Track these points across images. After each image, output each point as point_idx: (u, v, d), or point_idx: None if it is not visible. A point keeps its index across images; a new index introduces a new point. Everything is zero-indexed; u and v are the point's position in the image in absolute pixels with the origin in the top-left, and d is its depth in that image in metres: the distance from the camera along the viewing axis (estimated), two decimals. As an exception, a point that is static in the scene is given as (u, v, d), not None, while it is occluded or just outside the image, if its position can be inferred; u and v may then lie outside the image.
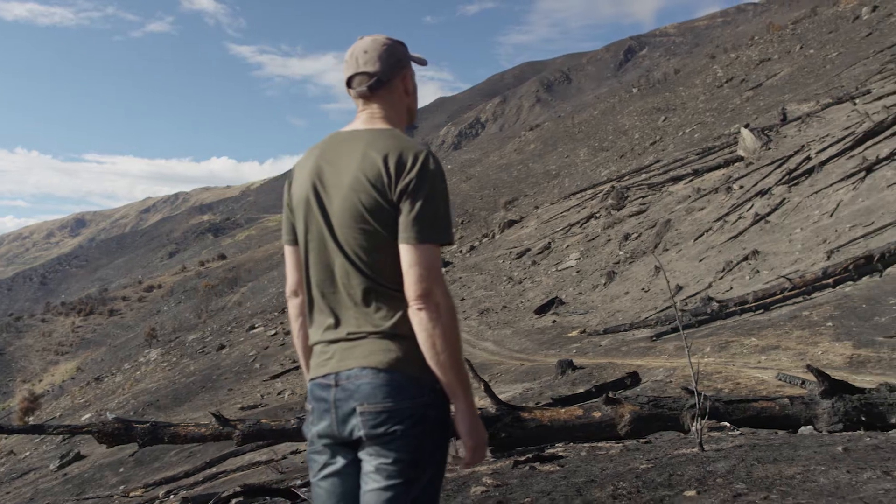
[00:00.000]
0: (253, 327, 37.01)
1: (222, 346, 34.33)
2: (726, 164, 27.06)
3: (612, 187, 31.63)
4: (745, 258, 17.89)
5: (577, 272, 24.38)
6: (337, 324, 1.96)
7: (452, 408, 1.94)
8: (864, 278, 12.98)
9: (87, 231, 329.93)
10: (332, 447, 1.96)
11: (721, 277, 17.88)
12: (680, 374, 9.70)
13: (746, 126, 28.69)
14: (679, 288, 18.52)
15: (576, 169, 55.42)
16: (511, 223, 37.31)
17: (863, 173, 18.20)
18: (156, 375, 34.01)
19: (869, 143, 20.05)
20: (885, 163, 18.11)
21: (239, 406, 19.61)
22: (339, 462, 1.96)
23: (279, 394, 20.74)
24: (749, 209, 21.33)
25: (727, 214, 21.87)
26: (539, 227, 33.10)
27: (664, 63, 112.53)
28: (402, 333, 1.90)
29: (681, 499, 3.10)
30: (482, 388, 4.95)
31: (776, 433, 4.31)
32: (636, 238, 24.58)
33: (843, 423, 4.17)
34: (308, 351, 2.11)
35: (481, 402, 5.25)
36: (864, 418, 4.16)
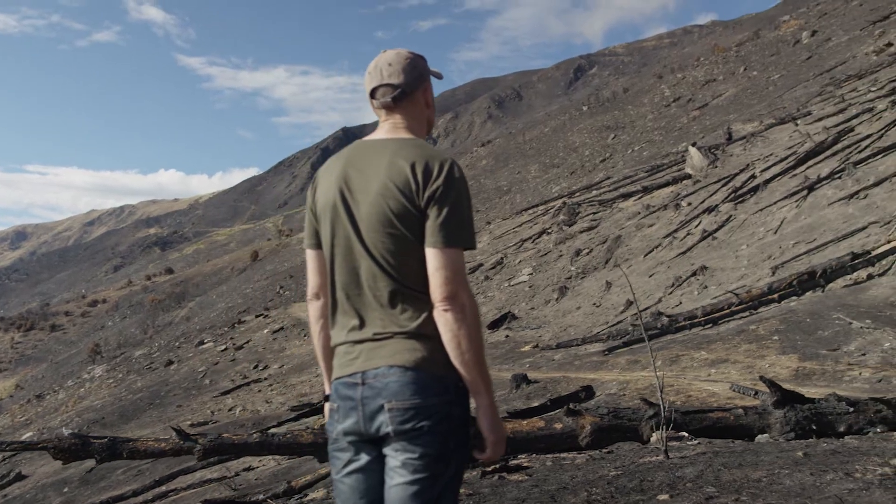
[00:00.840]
0: (202, 342, 36.40)
1: (170, 362, 33.67)
2: (675, 181, 27.64)
3: (564, 203, 32.03)
4: (694, 274, 18.27)
5: (530, 287, 24.60)
6: (362, 325, 2.03)
7: (473, 405, 2.02)
8: (807, 293, 13.36)
9: (28, 244, 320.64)
10: (356, 444, 2.02)
11: (671, 292, 18.22)
12: (633, 387, 9.86)
13: (694, 144, 29.35)
14: (629, 303, 18.82)
15: (527, 185, 55.94)
16: (464, 238, 37.46)
17: (805, 192, 18.79)
18: (101, 392, 33.17)
19: (810, 162, 20.71)
20: (825, 182, 18.73)
21: (189, 423, 19.25)
22: (364, 459, 2.02)
23: (230, 410, 20.43)
24: (697, 226, 21.82)
25: (676, 231, 22.33)
26: (491, 243, 33.31)
27: (613, 82, 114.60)
28: (427, 333, 1.98)
29: (655, 502, 3.20)
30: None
31: (733, 442, 4.45)
32: (587, 253, 24.91)
33: (795, 431, 4.31)
34: (328, 352, 2.18)
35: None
36: (814, 427, 4.32)
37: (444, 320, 1.94)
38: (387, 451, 1.97)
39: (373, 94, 2.17)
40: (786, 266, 15.13)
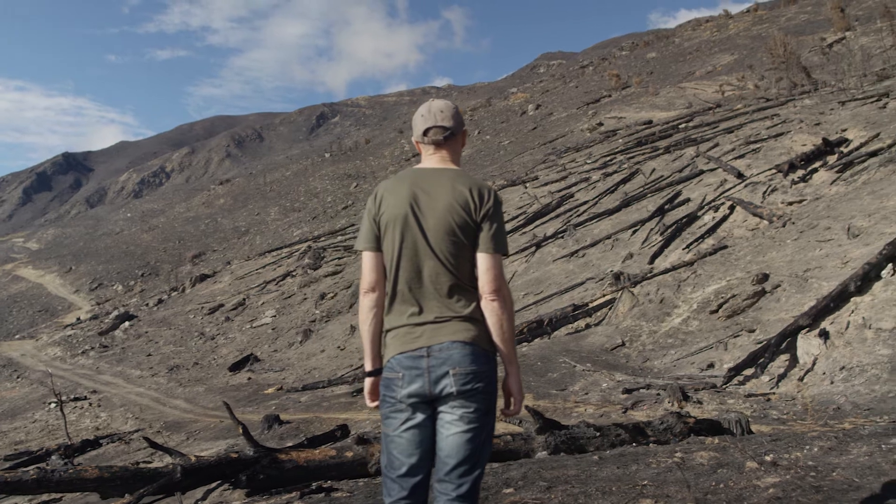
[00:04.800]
0: None
1: None
2: (416, 232, 29.06)
3: (310, 247, 32.22)
4: (435, 320, 19.35)
5: (273, 329, 24.38)
6: (421, 311, 2.59)
7: (502, 371, 2.64)
8: (536, 340, 14.76)
9: None
10: (416, 405, 2.54)
11: (413, 337, 19.08)
12: (387, 425, 10.25)
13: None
14: (373, 346, 19.41)
15: (267, 227, 55.34)
16: (203, 277, 36.15)
17: (533, 248, 20.78)
18: None
19: (538, 221, 22.97)
20: (550, 240, 20.88)
21: None
22: (419, 417, 2.55)
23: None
24: (437, 275, 23.11)
25: (417, 279, 23.47)
26: (233, 283, 32.51)
27: (355, 132, 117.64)
28: (476, 318, 2.58)
29: (501, 496, 3.61)
30: (240, 430, 5.02)
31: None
32: (332, 297, 25.27)
33: (555, 453, 4.96)
34: (377, 338, 2.70)
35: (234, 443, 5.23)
36: (570, 449, 5.00)
37: (491, 308, 2.56)
38: (443, 408, 2.52)
39: (425, 132, 2.74)
40: (517, 315, 16.56)
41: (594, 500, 3.49)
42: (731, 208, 17.48)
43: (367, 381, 2.78)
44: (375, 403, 2.77)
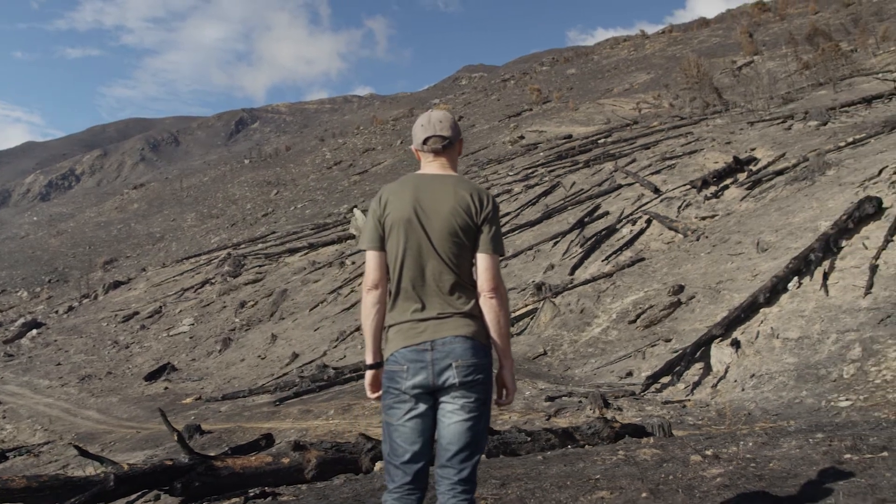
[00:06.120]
0: None
1: None
2: (340, 240, 28.94)
3: (229, 254, 31.66)
4: (357, 328, 19.28)
5: (191, 338, 23.84)
6: (423, 308, 2.76)
7: (497, 364, 2.80)
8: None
9: None
10: (419, 396, 2.71)
11: (335, 346, 19.02)
12: (313, 434, 10.21)
13: (356, 207, 31.10)
14: (295, 355, 19.25)
15: (183, 234, 54.01)
16: (117, 284, 34.99)
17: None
18: None
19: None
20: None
21: None
22: (422, 407, 2.71)
23: None
24: (360, 283, 23.06)
25: (340, 287, 23.39)
26: (149, 290, 31.62)
27: (275, 139, 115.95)
28: (475, 314, 2.77)
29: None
30: (175, 438, 4.97)
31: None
32: (253, 306, 24.91)
33: (490, 458, 5.09)
34: (379, 332, 2.85)
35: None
36: (503, 454, 5.14)
37: (489, 305, 2.75)
38: (445, 399, 2.70)
39: (425, 141, 2.92)
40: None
41: (551, 493, 3.65)
42: (648, 222, 18.09)
43: (368, 374, 2.92)
44: (375, 395, 2.92)
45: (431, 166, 2.96)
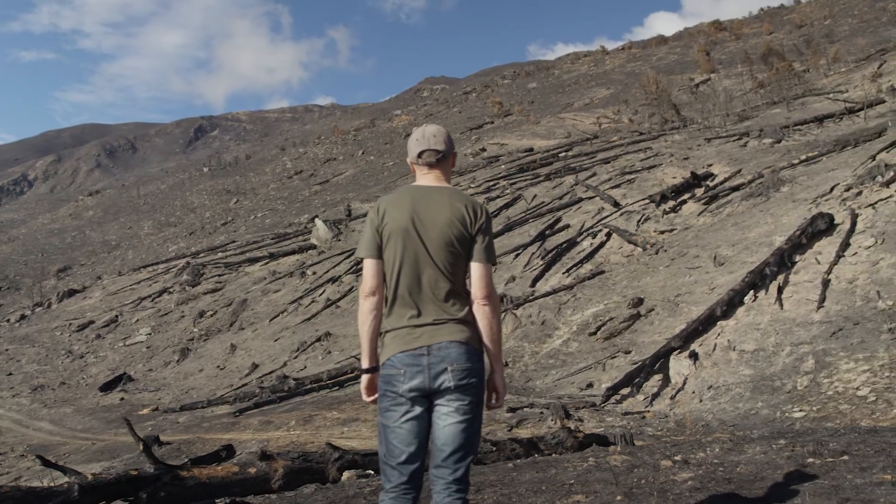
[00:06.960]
0: None
1: None
2: (301, 250, 28.77)
3: (188, 263, 31.27)
4: (319, 339, 19.23)
5: (148, 348, 23.48)
6: (419, 314, 2.86)
7: (489, 368, 2.92)
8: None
9: None
10: (415, 399, 2.81)
11: (296, 357, 18.89)
12: (274, 445, 10.15)
13: (317, 217, 30.96)
14: (255, 366, 19.08)
15: (140, 242, 53.22)
16: (72, 293, 34.30)
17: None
18: None
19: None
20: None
21: None
22: (418, 409, 2.80)
23: None
24: (321, 294, 22.99)
25: (301, 298, 23.26)
26: (105, 299, 31.06)
27: (235, 147, 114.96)
28: (469, 320, 2.88)
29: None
30: (141, 447, 4.92)
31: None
32: (212, 315, 24.63)
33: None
34: (375, 337, 2.96)
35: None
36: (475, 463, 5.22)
37: (483, 311, 2.86)
38: (440, 402, 2.80)
39: (420, 154, 3.02)
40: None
41: (527, 498, 3.73)
42: (608, 235, 18.34)
43: (364, 378, 3.00)
44: (371, 398, 3.00)
45: (426, 178, 3.06)
